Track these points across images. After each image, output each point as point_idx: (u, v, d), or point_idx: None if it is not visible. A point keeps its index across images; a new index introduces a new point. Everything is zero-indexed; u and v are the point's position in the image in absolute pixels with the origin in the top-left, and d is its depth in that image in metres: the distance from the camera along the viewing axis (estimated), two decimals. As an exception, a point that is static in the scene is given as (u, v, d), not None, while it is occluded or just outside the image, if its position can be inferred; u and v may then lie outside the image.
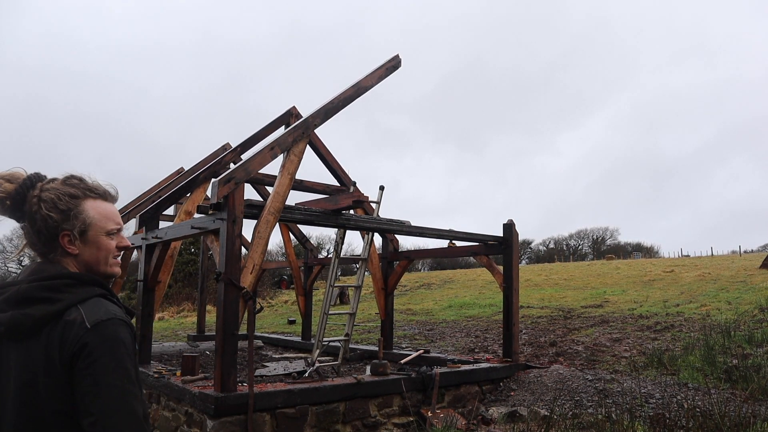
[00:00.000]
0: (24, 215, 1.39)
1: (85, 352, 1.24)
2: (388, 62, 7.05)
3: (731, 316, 10.80)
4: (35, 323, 1.27)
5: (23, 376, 1.27)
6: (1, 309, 1.30)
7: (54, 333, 1.27)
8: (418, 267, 51.81)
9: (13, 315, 1.27)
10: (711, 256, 38.21)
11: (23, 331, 1.27)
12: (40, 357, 1.26)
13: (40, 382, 1.26)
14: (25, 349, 1.28)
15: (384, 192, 8.16)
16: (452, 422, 5.71)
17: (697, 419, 4.85)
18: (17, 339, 1.29)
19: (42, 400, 1.26)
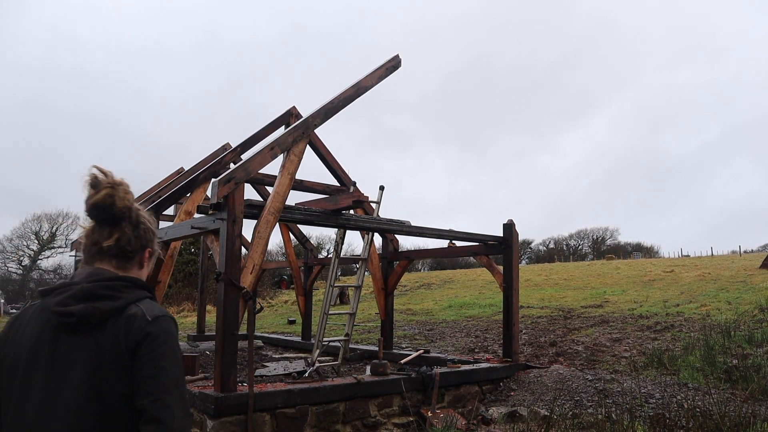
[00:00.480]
0: (113, 220, 1.58)
1: (147, 340, 1.45)
2: (388, 62, 7.05)
3: (731, 316, 10.80)
4: (102, 315, 1.45)
5: (91, 363, 1.42)
6: (66, 303, 1.45)
7: (119, 324, 1.46)
8: (418, 267, 51.81)
9: (84, 307, 1.45)
10: (711, 256, 38.20)
11: (92, 321, 1.45)
12: (107, 345, 1.43)
13: (107, 368, 1.42)
14: (92, 340, 1.44)
15: (384, 192, 8.16)
16: (452, 422, 5.71)
17: (697, 419, 4.85)
18: (84, 331, 1.45)
19: (108, 384, 1.42)
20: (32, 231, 51.08)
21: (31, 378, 1.44)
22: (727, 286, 15.92)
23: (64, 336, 1.45)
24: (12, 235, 50.42)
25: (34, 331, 1.48)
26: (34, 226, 51.21)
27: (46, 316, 1.48)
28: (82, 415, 1.40)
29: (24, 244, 50.75)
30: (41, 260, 51.32)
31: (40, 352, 1.45)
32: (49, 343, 1.46)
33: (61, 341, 1.45)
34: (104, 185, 1.57)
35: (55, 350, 1.45)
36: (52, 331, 1.46)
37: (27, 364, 1.45)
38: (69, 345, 1.45)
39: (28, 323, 1.51)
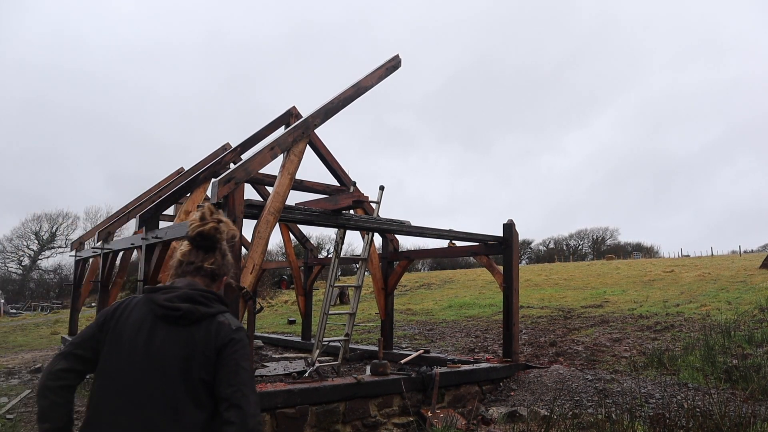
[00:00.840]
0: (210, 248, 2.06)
1: (231, 343, 1.89)
2: (388, 62, 7.06)
3: (731, 316, 10.79)
4: (200, 316, 1.90)
5: (186, 349, 1.85)
6: (173, 301, 1.90)
7: (211, 326, 1.90)
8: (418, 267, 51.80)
9: (189, 307, 1.89)
10: (711, 256, 38.20)
11: (191, 319, 1.88)
12: (200, 340, 1.86)
13: (197, 357, 1.84)
14: (187, 333, 1.87)
15: (387, 192, 8.16)
16: (452, 422, 5.71)
17: (697, 419, 4.85)
18: (182, 324, 1.88)
19: (195, 368, 1.83)
20: (32, 231, 51.10)
21: (133, 348, 1.86)
22: (727, 286, 15.92)
23: (162, 324, 1.88)
24: (12, 235, 50.43)
25: (138, 316, 1.91)
26: (34, 226, 51.23)
27: (150, 306, 1.91)
28: (171, 383, 1.81)
29: (24, 244, 50.76)
30: (41, 260, 51.31)
31: (140, 332, 1.87)
32: (149, 327, 1.88)
33: (158, 328, 1.87)
34: (210, 220, 2.05)
35: (155, 334, 1.86)
36: (153, 319, 1.89)
37: (129, 338, 1.87)
38: (166, 332, 1.87)
39: (132, 309, 1.94)
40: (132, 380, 1.84)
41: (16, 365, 11.61)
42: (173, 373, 1.83)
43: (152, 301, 1.92)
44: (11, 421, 6.86)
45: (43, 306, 38.43)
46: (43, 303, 39.88)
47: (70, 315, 12.18)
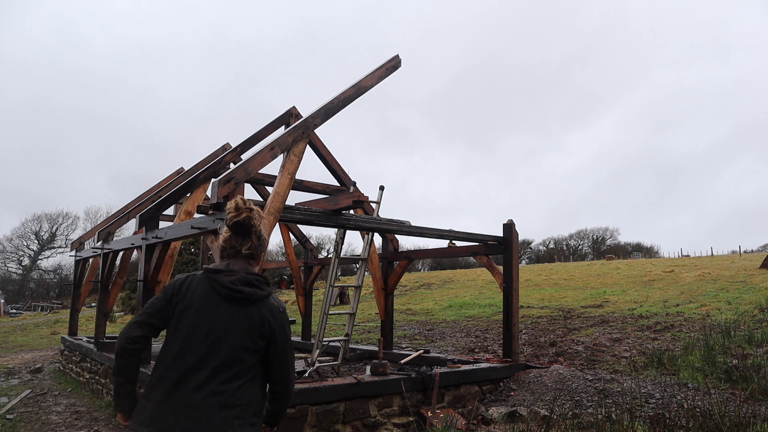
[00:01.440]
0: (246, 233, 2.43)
1: (282, 326, 2.35)
2: (388, 62, 7.06)
3: (731, 316, 10.79)
4: (258, 298, 2.31)
5: (247, 325, 2.26)
6: (236, 284, 2.28)
7: (265, 307, 2.31)
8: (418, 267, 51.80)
9: (251, 291, 2.29)
10: (711, 256, 38.20)
11: (251, 300, 2.29)
12: (257, 318, 2.27)
13: (255, 331, 2.26)
14: (247, 311, 2.27)
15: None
16: (452, 422, 5.71)
17: (697, 419, 4.85)
18: (242, 304, 2.28)
19: (253, 339, 2.26)
20: (32, 231, 51.11)
21: (202, 323, 2.24)
22: (727, 286, 15.92)
23: (224, 303, 2.27)
24: (12, 235, 50.46)
25: (201, 293, 2.29)
26: (34, 226, 51.25)
27: (211, 285, 2.30)
28: (231, 350, 2.21)
29: (24, 244, 50.78)
30: (41, 260, 51.33)
31: (206, 307, 2.26)
32: (213, 303, 2.27)
33: (222, 306, 2.27)
34: (244, 210, 2.40)
35: (220, 312, 2.26)
36: (217, 297, 2.28)
37: (197, 312, 2.26)
38: (228, 309, 2.27)
39: (196, 286, 2.32)
40: (199, 346, 2.21)
41: (16, 365, 11.61)
42: (233, 342, 2.23)
43: (216, 281, 2.31)
44: (11, 421, 6.86)
45: (43, 306, 38.43)
46: (43, 303, 39.88)
47: (70, 315, 12.17)
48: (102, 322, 9.49)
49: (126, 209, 11.32)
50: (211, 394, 2.17)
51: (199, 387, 2.16)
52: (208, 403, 2.15)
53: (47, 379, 10.09)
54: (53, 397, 8.44)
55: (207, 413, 2.14)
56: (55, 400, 8.21)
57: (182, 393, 2.16)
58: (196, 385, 2.16)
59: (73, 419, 6.99)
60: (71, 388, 9.09)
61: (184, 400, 2.15)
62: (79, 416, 7.13)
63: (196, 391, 2.16)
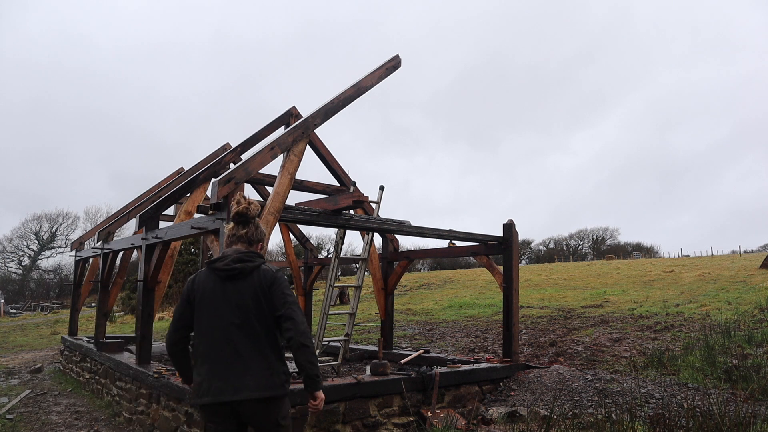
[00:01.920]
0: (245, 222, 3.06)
1: (275, 282, 2.87)
2: (387, 62, 7.05)
3: (731, 316, 10.79)
4: (250, 270, 2.87)
5: (253, 291, 2.83)
6: (229, 264, 2.85)
7: (259, 275, 2.87)
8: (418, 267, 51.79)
9: (242, 266, 2.87)
10: (711, 256, 38.21)
11: (245, 272, 2.86)
12: (257, 284, 2.84)
13: (259, 294, 2.84)
14: (245, 282, 2.85)
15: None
16: (452, 422, 5.70)
17: (697, 419, 4.85)
18: (241, 278, 2.85)
19: (261, 301, 2.83)
20: (32, 231, 51.09)
21: (215, 305, 2.85)
22: (727, 286, 15.92)
23: (229, 282, 2.86)
24: (12, 235, 50.44)
25: (207, 282, 2.90)
26: (34, 226, 51.23)
27: (214, 273, 2.89)
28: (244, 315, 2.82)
29: (24, 244, 50.76)
30: (41, 260, 51.31)
31: (216, 292, 2.87)
32: (221, 286, 2.87)
33: (227, 285, 2.86)
34: (243, 204, 3.02)
35: (225, 290, 2.86)
36: (221, 280, 2.87)
37: (210, 298, 2.87)
38: (234, 286, 2.85)
39: (205, 278, 2.92)
40: (222, 320, 2.83)
41: (16, 365, 11.61)
42: (244, 309, 2.82)
43: (214, 269, 2.90)
44: (11, 421, 6.86)
45: (43, 306, 38.42)
46: (43, 303, 39.87)
47: (70, 315, 12.17)
48: (102, 322, 9.49)
49: (126, 209, 11.32)
50: (237, 357, 2.78)
51: (228, 355, 2.79)
52: (236, 366, 2.78)
53: (47, 379, 10.09)
54: (53, 397, 8.44)
55: (236, 373, 2.77)
56: (55, 400, 8.21)
57: (218, 364, 2.79)
58: (226, 355, 2.79)
59: (73, 419, 6.99)
60: (71, 388, 9.09)
61: (220, 368, 2.79)
62: (79, 416, 7.13)
63: (226, 359, 2.79)
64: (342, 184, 9.18)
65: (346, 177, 9.11)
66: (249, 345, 2.79)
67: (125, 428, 6.48)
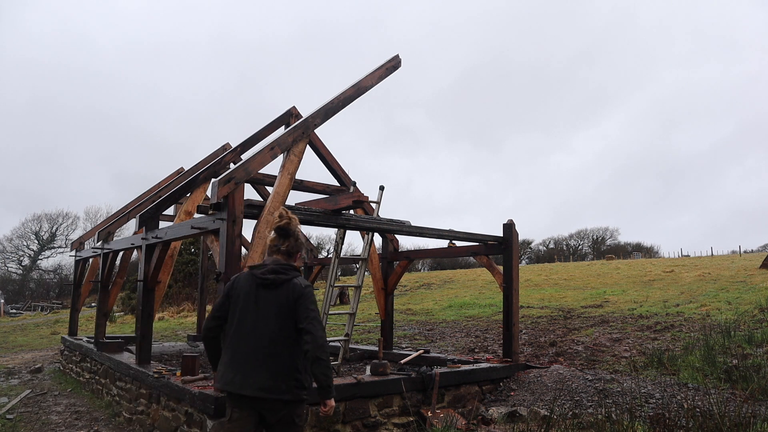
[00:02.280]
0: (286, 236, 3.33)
1: (302, 296, 3.13)
2: (387, 62, 7.05)
3: (731, 316, 10.79)
4: (282, 282, 3.17)
5: (279, 303, 3.12)
6: (266, 274, 3.18)
7: (289, 287, 3.16)
8: (418, 267, 51.79)
9: (275, 277, 3.17)
10: (711, 256, 38.21)
11: (277, 284, 3.16)
12: (284, 297, 3.13)
13: (285, 307, 3.12)
14: (276, 292, 3.15)
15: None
16: (452, 422, 5.70)
17: (697, 419, 4.85)
18: (273, 288, 3.16)
19: (287, 314, 3.12)
20: (32, 231, 51.08)
21: (247, 307, 3.18)
22: (727, 286, 15.92)
23: (262, 289, 3.19)
24: (12, 235, 50.42)
25: (246, 284, 3.24)
26: (34, 226, 51.22)
27: (253, 278, 3.22)
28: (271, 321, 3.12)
29: (24, 244, 50.75)
30: (41, 260, 51.29)
31: (250, 295, 3.19)
32: (255, 291, 3.19)
33: (260, 291, 3.19)
34: (285, 218, 3.31)
35: (258, 295, 3.18)
36: (256, 286, 3.20)
37: (244, 299, 3.20)
38: (266, 293, 3.18)
39: (244, 280, 3.26)
40: (250, 321, 3.16)
41: (16, 365, 11.61)
42: (271, 316, 3.14)
43: (253, 275, 3.24)
44: (11, 421, 6.86)
45: (43, 306, 38.42)
46: (43, 303, 39.86)
47: (70, 315, 12.17)
48: (102, 322, 9.49)
49: (126, 209, 11.31)
50: (256, 357, 3.09)
51: (248, 353, 3.11)
52: (253, 366, 3.08)
53: (47, 379, 10.09)
54: (53, 397, 8.44)
55: (253, 374, 3.06)
56: (55, 400, 8.21)
57: (238, 359, 3.12)
58: (247, 352, 3.11)
59: (73, 419, 6.99)
60: (71, 388, 9.09)
61: (240, 363, 3.11)
62: (79, 416, 7.13)
63: (246, 356, 3.11)
64: (342, 184, 9.18)
65: (346, 177, 9.11)
66: (271, 349, 3.08)
67: (125, 428, 6.48)
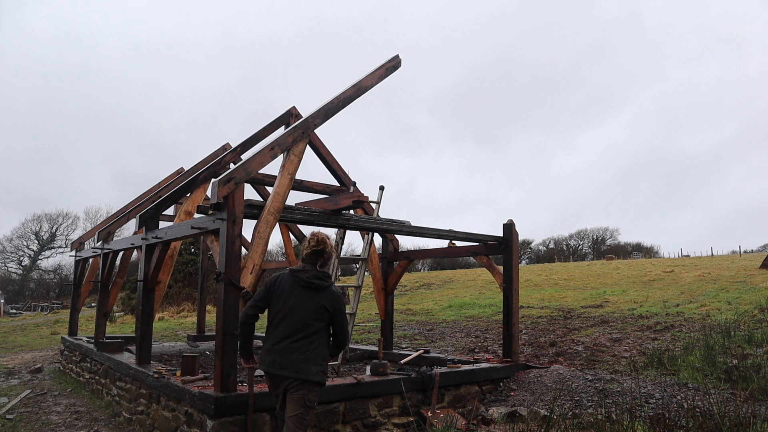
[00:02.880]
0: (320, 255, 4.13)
1: (339, 302, 4.03)
2: (387, 62, 7.05)
3: (731, 316, 10.79)
4: (324, 287, 3.99)
5: (316, 304, 3.92)
6: (310, 278, 3.96)
7: (328, 293, 3.99)
8: (418, 267, 51.78)
9: (320, 282, 3.98)
10: (711, 256, 38.22)
11: (320, 288, 3.97)
12: (323, 300, 3.95)
13: (325, 308, 3.94)
14: (318, 295, 3.95)
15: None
16: (452, 422, 5.70)
17: (697, 419, 4.85)
18: (315, 290, 3.95)
19: (324, 313, 3.94)
20: (32, 231, 51.07)
21: (290, 303, 3.89)
22: (727, 286, 15.92)
23: (303, 290, 3.92)
24: (12, 235, 50.40)
25: (288, 284, 3.95)
26: (34, 226, 51.21)
27: (295, 279, 3.95)
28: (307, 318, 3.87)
29: (24, 244, 50.74)
30: (41, 260, 51.28)
31: (292, 292, 3.91)
32: (297, 290, 3.92)
33: (301, 291, 3.92)
34: (320, 239, 4.11)
35: (300, 294, 3.91)
36: (298, 286, 3.93)
37: (286, 296, 3.92)
38: (305, 294, 3.92)
39: (286, 279, 3.98)
40: (292, 315, 3.89)
41: (16, 365, 11.61)
42: (309, 313, 3.90)
43: (297, 276, 3.97)
44: (11, 421, 6.86)
45: (43, 306, 38.41)
46: (43, 303, 39.86)
47: (70, 315, 12.17)
48: (102, 322, 9.49)
49: (126, 209, 11.31)
50: (295, 346, 3.83)
51: (288, 342, 3.84)
52: (291, 351, 3.83)
53: (47, 379, 10.09)
54: (53, 397, 8.44)
55: (291, 357, 3.81)
56: (55, 400, 8.21)
57: (280, 345, 3.85)
58: (287, 341, 3.85)
59: (73, 419, 6.99)
60: (71, 388, 9.08)
61: (281, 348, 3.84)
62: (79, 416, 7.13)
63: (287, 344, 3.84)
64: (342, 184, 9.18)
65: (346, 177, 9.11)
66: (305, 339, 3.85)
67: (125, 428, 6.48)
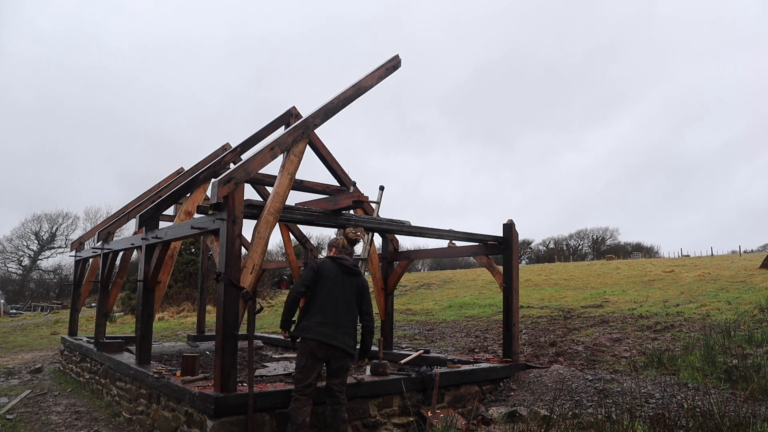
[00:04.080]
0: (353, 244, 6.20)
1: (366, 288, 5.27)
2: (387, 62, 7.05)
3: (731, 316, 10.79)
4: (358, 273, 5.25)
5: (355, 288, 5.13)
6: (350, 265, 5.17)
7: (361, 279, 5.25)
8: (418, 267, 51.78)
9: (357, 269, 5.24)
10: (711, 256, 38.22)
11: (356, 273, 5.20)
12: (358, 284, 5.17)
13: (358, 292, 5.16)
14: (355, 279, 5.16)
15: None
16: (452, 422, 5.70)
17: (697, 419, 4.85)
18: (353, 275, 5.15)
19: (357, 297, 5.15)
20: (32, 231, 51.06)
21: (335, 286, 4.98)
22: (727, 286, 15.92)
23: (345, 275, 5.09)
24: (12, 235, 50.40)
25: (333, 269, 5.05)
26: (34, 226, 51.20)
27: (338, 265, 5.09)
28: (350, 298, 5.06)
29: (24, 244, 50.73)
30: (41, 260, 51.27)
31: (337, 277, 5.02)
32: (341, 275, 5.06)
33: (345, 276, 5.08)
34: (353, 233, 6.45)
35: (344, 279, 5.06)
36: (341, 272, 5.08)
37: (332, 280, 4.98)
38: (348, 278, 5.09)
39: (330, 265, 5.06)
40: (335, 296, 4.89)
41: (16, 365, 11.61)
42: (351, 294, 5.01)
43: (340, 263, 5.04)
44: (11, 421, 6.86)
45: (43, 306, 38.41)
46: (43, 303, 39.85)
47: (70, 315, 12.17)
48: (102, 322, 9.49)
49: (126, 209, 11.31)
50: (342, 322, 4.82)
51: (337, 318, 4.81)
52: (338, 326, 4.79)
53: (47, 379, 10.09)
54: (53, 397, 8.44)
55: (339, 331, 4.78)
56: (55, 400, 8.21)
57: (329, 319, 4.77)
58: (334, 315, 4.81)
59: (73, 419, 6.99)
60: (71, 388, 9.08)
61: (331, 322, 4.77)
62: (79, 416, 7.13)
63: (336, 319, 4.80)
64: (342, 184, 9.17)
65: (346, 177, 9.11)
66: (347, 317, 4.90)
67: (125, 428, 6.48)
